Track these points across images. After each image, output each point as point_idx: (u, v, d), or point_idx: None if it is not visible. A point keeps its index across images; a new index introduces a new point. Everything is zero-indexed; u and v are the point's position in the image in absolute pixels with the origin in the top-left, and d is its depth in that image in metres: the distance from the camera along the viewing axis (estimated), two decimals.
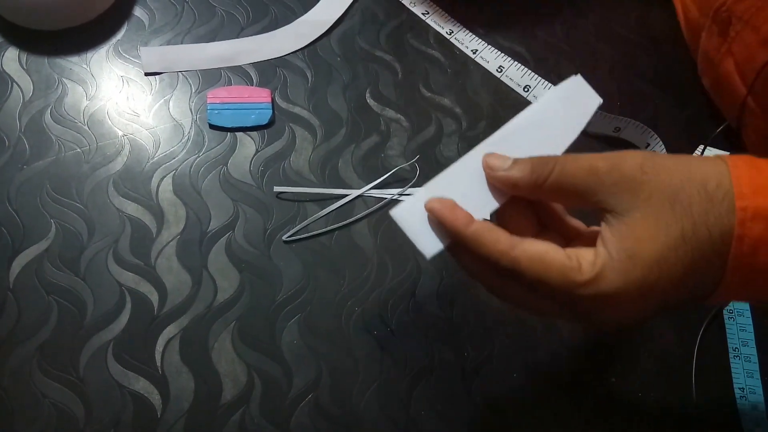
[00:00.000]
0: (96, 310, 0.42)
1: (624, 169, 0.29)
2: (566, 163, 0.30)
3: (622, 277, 0.28)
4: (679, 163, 0.29)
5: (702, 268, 0.28)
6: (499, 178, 0.32)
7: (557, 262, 0.29)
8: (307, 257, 0.45)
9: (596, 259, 0.29)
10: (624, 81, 0.55)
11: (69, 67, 0.52)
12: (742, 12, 0.45)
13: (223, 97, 0.51)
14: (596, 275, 0.28)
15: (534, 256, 0.29)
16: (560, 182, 0.30)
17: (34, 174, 0.47)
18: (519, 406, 0.41)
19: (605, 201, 0.29)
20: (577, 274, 0.28)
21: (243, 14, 0.56)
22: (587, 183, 0.29)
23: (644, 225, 0.28)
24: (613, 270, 0.28)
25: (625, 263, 0.28)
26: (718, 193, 0.28)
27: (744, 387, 0.42)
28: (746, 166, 0.28)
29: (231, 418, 0.40)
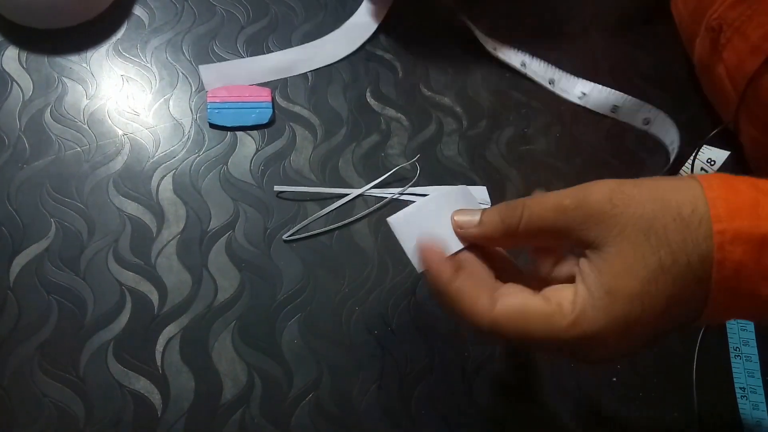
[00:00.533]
0: (96, 310, 0.42)
1: (592, 204, 0.28)
2: (533, 207, 0.30)
3: (604, 315, 0.28)
4: (651, 191, 0.28)
5: (685, 296, 0.27)
6: (472, 236, 0.32)
7: (537, 311, 0.29)
8: (307, 257, 0.45)
9: (576, 298, 0.28)
10: (624, 81, 0.55)
11: (69, 66, 0.52)
12: (732, 20, 0.45)
13: (224, 96, 0.51)
14: (578, 316, 0.28)
15: (513, 313, 0.29)
16: (531, 227, 0.30)
17: (34, 173, 0.47)
18: (519, 407, 0.41)
19: (580, 237, 0.29)
20: (559, 318, 0.28)
21: (243, 13, 0.56)
22: (557, 223, 0.29)
23: (621, 259, 0.27)
24: (594, 308, 0.28)
25: (605, 300, 0.28)
26: (694, 219, 0.27)
27: (745, 386, 0.42)
28: (721, 188, 0.27)
29: (231, 417, 0.40)
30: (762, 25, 0.43)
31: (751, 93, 0.45)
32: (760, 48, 0.43)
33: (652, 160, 0.51)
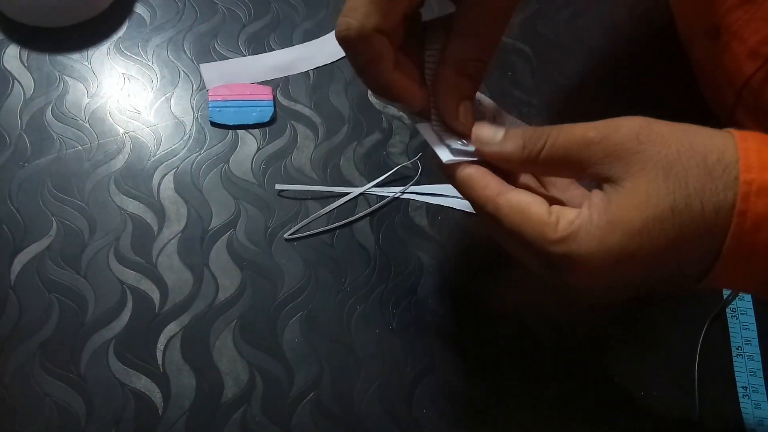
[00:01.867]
0: (97, 308, 0.42)
1: (617, 139, 0.28)
2: (558, 136, 0.29)
3: (597, 242, 0.27)
4: (681, 133, 0.28)
5: (690, 243, 0.27)
6: (490, 154, 0.31)
7: (536, 215, 0.28)
8: (308, 255, 0.45)
9: (575, 219, 0.28)
10: (625, 78, 0.55)
11: (70, 64, 0.52)
12: (730, 24, 0.45)
13: (225, 95, 0.51)
14: (569, 234, 0.27)
15: (515, 206, 0.29)
16: (553, 156, 0.29)
17: (35, 172, 0.47)
18: (520, 406, 0.41)
19: (600, 171, 0.28)
20: (551, 230, 0.28)
21: (244, 11, 0.56)
22: (580, 155, 0.29)
23: (633, 194, 0.27)
24: (588, 233, 0.27)
25: (604, 228, 0.27)
26: (718, 167, 0.26)
27: (747, 386, 0.42)
28: (756, 140, 0.27)
29: (232, 416, 0.40)
30: (759, 29, 0.43)
31: (748, 96, 0.45)
32: (757, 52, 0.43)
33: None
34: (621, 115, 0.29)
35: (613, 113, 0.50)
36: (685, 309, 0.44)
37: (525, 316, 0.44)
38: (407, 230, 0.46)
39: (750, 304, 0.45)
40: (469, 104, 0.33)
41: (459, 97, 0.33)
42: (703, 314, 0.44)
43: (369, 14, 0.30)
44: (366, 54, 0.31)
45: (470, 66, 0.32)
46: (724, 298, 0.45)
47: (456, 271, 0.45)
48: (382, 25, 0.30)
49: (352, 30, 0.30)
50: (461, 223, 0.47)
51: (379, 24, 0.30)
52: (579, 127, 0.29)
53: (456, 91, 0.33)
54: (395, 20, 0.31)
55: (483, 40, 0.32)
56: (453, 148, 0.32)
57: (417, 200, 0.48)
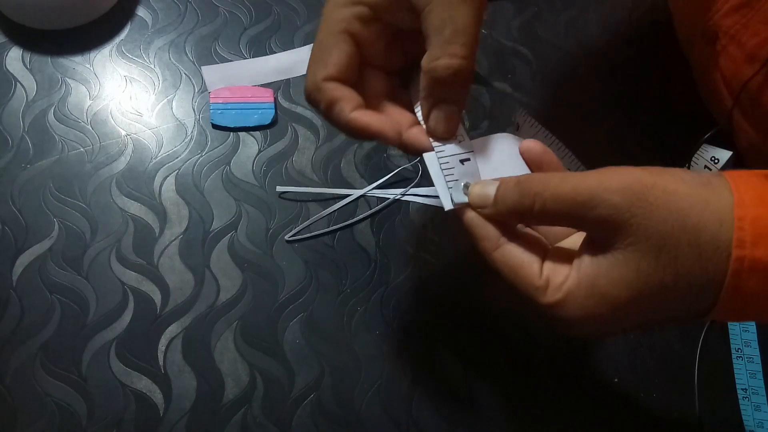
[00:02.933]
0: (99, 309, 0.42)
1: (609, 207, 0.27)
2: (547, 199, 0.29)
3: (583, 312, 0.28)
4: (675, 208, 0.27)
5: (679, 311, 0.28)
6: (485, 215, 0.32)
7: (527, 278, 0.30)
8: (309, 257, 0.45)
9: (564, 284, 0.29)
10: (625, 80, 0.55)
11: (72, 66, 0.53)
12: (728, 27, 0.45)
13: (226, 97, 0.51)
14: (557, 302, 0.29)
15: (509, 265, 0.30)
16: (545, 216, 0.30)
17: (37, 173, 0.47)
18: (520, 407, 0.41)
19: (591, 233, 0.29)
20: (541, 295, 0.29)
21: (246, 14, 0.56)
22: (571, 217, 0.29)
23: (624, 268, 0.27)
24: (575, 301, 0.28)
25: (591, 300, 0.28)
26: (710, 247, 0.26)
27: (746, 388, 0.42)
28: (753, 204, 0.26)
29: (233, 417, 0.40)
30: (757, 33, 0.43)
31: (746, 99, 0.45)
32: (755, 56, 0.43)
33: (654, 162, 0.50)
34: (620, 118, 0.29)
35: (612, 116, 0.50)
36: None
37: (525, 318, 0.44)
38: (407, 232, 0.47)
39: None
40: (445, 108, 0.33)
41: (433, 101, 0.33)
42: None
43: (318, 68, 0.33)
44: (321, 102, 0.33)
45: (439, 69, 0.32)
46: None
47: (456, 273, 0.45)
48: (333, 74, 0.33)
49: (307, 83, 0.34)
50: None
51: (329, 74, 0.33)
52: (569, 187, 0.28)
53: (427, 95, 0.33)
54: (346, 68, 0.33)
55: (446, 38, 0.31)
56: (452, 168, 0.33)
57: (417, 202, 0.48)
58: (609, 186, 0.28)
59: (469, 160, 0.33)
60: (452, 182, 0.33)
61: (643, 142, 0.52)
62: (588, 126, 0.52)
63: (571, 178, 0.29)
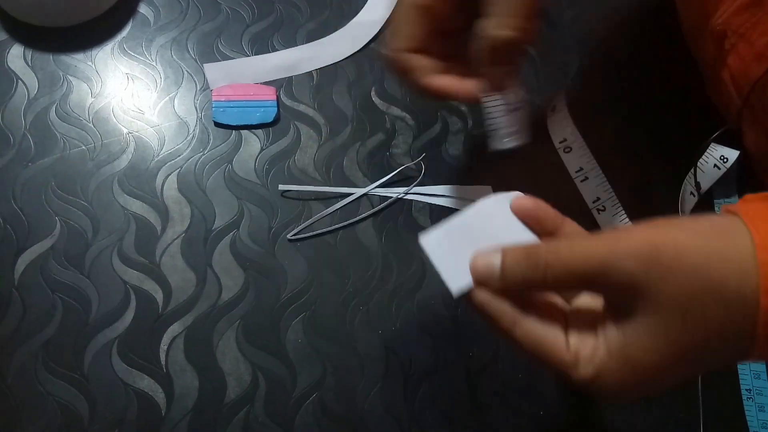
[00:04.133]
0: (101, 308, 0.42)
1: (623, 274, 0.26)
2: (556, 268, 0.28)
3: (619, 383, 0.28)
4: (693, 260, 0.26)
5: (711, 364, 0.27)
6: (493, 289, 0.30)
7: (555, 355, 0.29)
8: (311, 256, 0.45)
9: (594, 357, 0.28)
10: (631, 80, 0.54)
11: (74, 64, 0.52)
12: (737, 26, 0.45)
13: (228, 95, 0.51)
14: (592, 377, 0.28)
15: (532, 342, 0.29)
16: (556, 285, 0.29)
17: (39, 171, 0.47)
18: (522, 407, 0.41)
19: (608, 300, 0.29)
20: (572, 370, 0.28)
21: (248, 11, 0.56)
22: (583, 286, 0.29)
23: (651, 335, 0.27)
24: (610, 374, 0.28)
25: (623, 370, 0.27)
26: (737, 299, 0.25)
27: (751, 388, 0.42)
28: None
29: (235, 416, 0.40)
30: (767, 32, 0.42)
31: (755, 99, 0.44)
32: (764, 55, 0.43)
33: (660, 161, 0.50)
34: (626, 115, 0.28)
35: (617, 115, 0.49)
36: None
37: None
38: (410, 231, 0.46)
39: None
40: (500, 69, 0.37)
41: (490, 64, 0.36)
42: None
43: (395, 40, 0.38)
44: (399, 71, 0.39)
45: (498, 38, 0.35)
46: None
47: None
48: (408, 46, 0.38)
49: (388, 54, 0.39)
50: None
51: (405, 46, 0.38)
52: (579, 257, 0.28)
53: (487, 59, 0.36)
54: (419, 39, 0.38)
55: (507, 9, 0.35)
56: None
57: (420, 201, 0.47)
58: (619, 252, 0.27)
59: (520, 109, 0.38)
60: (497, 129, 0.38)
61: (649, 141, 0.51)
62: (593, 125, 0.52)
63: (579, 246, 0.28)
